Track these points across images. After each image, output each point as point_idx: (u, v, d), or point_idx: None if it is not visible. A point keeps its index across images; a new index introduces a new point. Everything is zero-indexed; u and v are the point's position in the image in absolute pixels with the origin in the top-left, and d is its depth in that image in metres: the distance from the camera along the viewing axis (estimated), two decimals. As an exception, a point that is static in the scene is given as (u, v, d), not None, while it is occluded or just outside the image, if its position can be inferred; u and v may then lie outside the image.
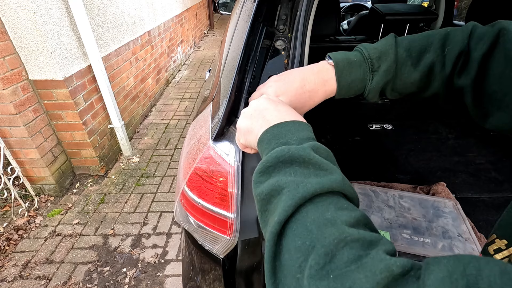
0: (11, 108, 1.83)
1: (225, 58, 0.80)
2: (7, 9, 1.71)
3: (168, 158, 2.75)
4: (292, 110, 0.44)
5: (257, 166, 0.37)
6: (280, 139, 0.38)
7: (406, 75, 0.51)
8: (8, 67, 1.79)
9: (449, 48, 0.48)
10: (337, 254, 0.26)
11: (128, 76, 3.03)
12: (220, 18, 9.66)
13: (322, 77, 0.52)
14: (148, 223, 2.05)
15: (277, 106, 0.44)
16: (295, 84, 0.51)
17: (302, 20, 0.62)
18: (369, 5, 4.04)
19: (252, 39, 0.61)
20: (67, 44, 2.03)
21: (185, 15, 5.61)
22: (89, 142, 2.30)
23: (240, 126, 0.47)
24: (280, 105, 0.44)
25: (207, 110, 0.73)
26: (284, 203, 0.31)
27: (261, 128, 0.42)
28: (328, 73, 0.52)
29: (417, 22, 1.89)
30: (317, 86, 0.52)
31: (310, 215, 0.30)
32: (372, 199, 1.28)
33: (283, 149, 0.35)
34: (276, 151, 0.36)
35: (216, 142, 0.59)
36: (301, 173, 0.33)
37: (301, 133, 0.39)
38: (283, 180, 0.33)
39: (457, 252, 1.04)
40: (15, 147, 2.01)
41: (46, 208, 2.16)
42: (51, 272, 1.71)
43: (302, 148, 0.35)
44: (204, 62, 5.59)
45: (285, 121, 0.40)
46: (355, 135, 2.00)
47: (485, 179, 1.55)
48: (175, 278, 1.69)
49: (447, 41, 0.49)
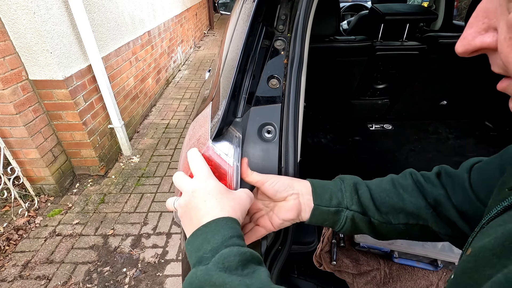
0: (11, 108, 1.83)
1: (224, 58, 0.80)
2: (7, 9, 1.71)
3: (168, 158, 2.75)
4: (218, 196, 0.45)
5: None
6: (198, 252, 0.40)
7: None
8: (8, 67, 1.79)
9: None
10: None
11: (128, 76, 3.03)
12: (220, 18, 9.66)
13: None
14: (148, 223, 2.05)
15: (204, 203, 0.44)
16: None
17: (301, 20, 0.62)
18: (369, 5, 4.04)
19: (251, 39, 0.61)
20: (67, 44, 2.03)
21: (185, 15, 5.61)
22: (89, 142, 2.30)
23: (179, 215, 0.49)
24: (208, 200, 0.45)
25: (206, 110, 0.73)
26: None
27: (187, 232, 0.44)
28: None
29: (417, 22, 1.89)
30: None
31: None
32: (372, 199, 1.28)
33: (192, 276, 0.37)
34: (189, 277, 0.38)
35: (215, 142, 0.59)
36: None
37: (216, 238, 0.40)
38: None
39: (457, 252, 1.04)
40: (15, 147, 2.01)
41: (46, 208, 2.16)
42: (51, 272, 1.71)
43: (206, 271, 0.37)
44: (204, 62, 5.59)
45: (203, 225, 0.42)
46: (355, 135, 2.00)
47: None
48: (175, 278, 1.69)
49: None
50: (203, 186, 0.46)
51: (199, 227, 0.42)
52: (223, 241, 0.40)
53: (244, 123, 0.61)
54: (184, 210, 0.46)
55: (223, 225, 0.41)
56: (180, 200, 0.47)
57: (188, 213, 0.45)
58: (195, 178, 0.49)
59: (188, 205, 0.45)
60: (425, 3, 3.78)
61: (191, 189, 0.46)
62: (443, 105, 2.01)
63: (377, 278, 1.04)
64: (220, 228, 0.41)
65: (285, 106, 0.62)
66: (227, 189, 0.48)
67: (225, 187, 0.48)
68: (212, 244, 0.40)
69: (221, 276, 0.36)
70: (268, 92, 0.64)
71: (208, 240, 0.40)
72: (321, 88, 1.94)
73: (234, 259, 0.38)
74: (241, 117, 0.62)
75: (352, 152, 1.85)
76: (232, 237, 0.40)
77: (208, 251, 0.39)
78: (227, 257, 0.38)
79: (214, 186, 0.46)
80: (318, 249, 1.09)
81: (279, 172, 0.60)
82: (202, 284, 0.36)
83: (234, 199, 0.46)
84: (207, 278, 0.36)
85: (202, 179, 0.48)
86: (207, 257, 0.39)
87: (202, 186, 0.46)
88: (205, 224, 0.42)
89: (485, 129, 1.98)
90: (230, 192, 0.47)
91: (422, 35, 1.82)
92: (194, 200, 0.45)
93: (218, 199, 0.45)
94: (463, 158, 1.86)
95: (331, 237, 1.14)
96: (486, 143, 1.84)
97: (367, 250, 1.10)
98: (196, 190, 0.46)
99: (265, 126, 0.61)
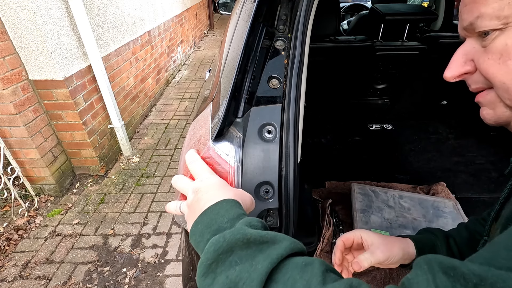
0: (11, 108, 1.83)
1: (225, 58, 0.80)
2: (7, 9, 1.71)
3: (168, 158, 2.75)
4: (221, 188, 0.45)
5: (198, 268, 0.34)
6: (211, 226, 0.38)
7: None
8: (8, 67, 1.79)
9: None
10: None
11: (128, 76, 3.03)
12: (220, 18, 9.66)
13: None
14: (148, 223, 2.05)
15: (207, 194, 0.44)
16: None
17: (302, 20, 0.62)
18: (369, 5, 4.04)
19: (252, 39, 0.61)
20: (67, 44, 2.03)
21: (185, 15, 5.61)
22: (89, 142, 2.30)
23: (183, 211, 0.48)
24: (211, 191, 0.44)
25: (207, 110, 0.73)
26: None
27: (191, 219, 0.43)
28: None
29: (417, 22, 1.89)
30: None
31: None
32: (372, 199, 1.28)
33: (218, 240, 0.34)
34: (212, 243, 0.34)
35: (216, 142, 0.59)
36: (246, 256, 0.32)
37: (230, 212, 0.39)
38: (232, 274, 0.31)
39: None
40: (15, 147, 2.01)
41: (46, 208, 2.16)
42: (51, 272, 1.71)
43: (237, 230, 0.34)
44: (204, 62, 5.59)
45: (212, 204, 0.41)
46: (355, 135, 2.00)
47: (485, 179, 1.55)
48: (175, 278, 1.69)
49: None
50: (205, 183, 0.47)
51: (208, 207, 0.41)
52: (239, 216, 0.39)
53: (245, 123, 0.61)
54: (190, 209, 0.45)
55: (233, 205, 0.41)
56: (187, 202, 0.47)
57: (192, 209, 0.44)
58: (197, 178, 0.49)
59: (192, 202, 0.45)
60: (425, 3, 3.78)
61: (195, 189, 0.46)
62: (443, 105, 2.01)
63: (377, 278, 1.04)
64: (231, 207, 0.40)
65: (286, 106, 0.62)
66: (229, 185, 0.48)
67: (227, 183, 0.48)
68: (228, 217, 0.38)
69: (254, 233, 0.34)
70: (268, 92, 0.64)
71: (221, 215, 0.39)
72: (321, 88, 1.94)
73: (258, 224, 0.37)
74: (241, 117, 0.62)
75: (352, 152, 1.85)
76: (245, 215, 0.40)
77: (225, 223, 0.37)
78: (251, 222, 0.36)
79: (216, 181, 0.47)
80: (318, 249, 1.09)
81: (279, 172, 0.60)
82: (233, 245, 0.33)
83: (237, 191, 0.47)
84: (240, 236, 0.33)
85: (203, 178, 0.48)
86: (225, 227, 0.37)
87: (203, 183, 0.47)
88: (213, 204, 0.41)
89: (485, 129, 1.98)
90: (232, 187, 0.48)
91: (422, 35, 1.82)
92: (198, 195, 0.45)
93: (221, 189, 0.45)
94: (463, 158, 1.87)
95: (331, 237, 1.14)
96: (486, 143, 1.84)
97: (367, 250, 1.10)
98: (199, 187, 0.46)
99: (266, 126, 0.61)
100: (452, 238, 0.61)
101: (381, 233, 1.11)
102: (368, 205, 1.25)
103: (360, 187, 1.35)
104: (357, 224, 1.16)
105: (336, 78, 1.89)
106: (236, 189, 0.47)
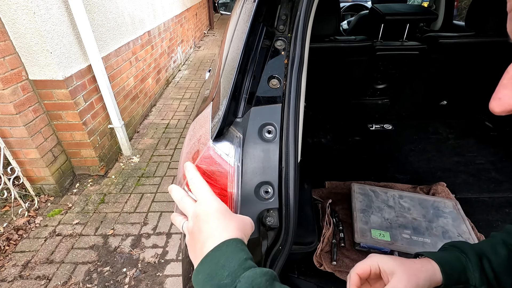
0: (11, 108, 1.83)
1: (225, 58, 0.80)
2: (7, 9, 1.71)
3: (168, 158, 2.75)
4: (221, 218, 0.44)
5: None
6: (212, 279, 0.37)
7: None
8: (8, 67, 1.79)
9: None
10: None
11: (128, 76, 3.03)
12: (220, 18, 9.66)
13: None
14: (148, 223, 2.05)
15: (207, 225, 0.43)
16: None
17: (302, 20, 0.62)
18: (369, 5, 4.04)
19: (252, 39, 0.61)
20: (67, 44, 2.03)
21: (185, 15, 5.61)
22: (89, 142, 2.30)
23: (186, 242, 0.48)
24: (211, 221, 0.44)
25: (207, 110, 0.73)
26: None
27: (193, 258, 0.42)
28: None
29: (417, 22, 1.89)
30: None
31: None
32: (372, 199, 1.28)
33: None
34: None
35: (216, 142, 0.59)
36: None
37: (232, 262, 0.38)
38: None
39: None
40: (15, 147, 2.01)
41: (46, 208, 2.16)
42: (51, 272, 1.71)
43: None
44: (204, 62, 5.59)
45: (212, 250, 0.40)
46: (355, 135, 2.00)
47: (485, 179, 1.55)
48: (175, 278, 1.69)
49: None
50: (205, 209, 0.46)
51: (208, 253, 0.40)
52: (240, 264, 0.38)
53: (245, 123, 0.61)
54: (190, 236, 0.46)
55: (234, 248, 0.40)
56: (188, 224, 0.47)
57: (193, 238, 0.45)
58: (198, 201, 0.48)
59: (193, 230, 0.45)
60: (425, 3, 3.78)
61: (195, 214, 0.46)
62: (443, 105, 2.02)
63: (377, 278, 1.04)
64: (232, 251, 0.39)
65: (286, 106, 0.62)
66: (230, 211, 0.47)
67: (228, 208, 0.47)
68: (229, 268, 0.37)
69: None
70: (268, 92, 0.64)
71: (222, 265, 0.38)
72: (321, 88, 1.94)
73: (261, 280, 0.36)
74: (241, 117, 0.62)
75: (352, 152, 1.85)
76: (247, 259, 0.39)
77: (226, 277, 0.37)
78: (255, 279, 0.36)
79: (216, 208, 0.46)
80: (318, 249, 1.09)
81: (279, 172, 0.60)
82: None
83: (237, 220, 0.46)
84: None
85: (204, 202, 0.47)
86: (226, 283, 0.36)
87: (204, 209, 0.46)
88: (213, 248, 0.40)
89: (485, 129, 1.98)
90: (232, 213, 0.47)
91: (422, 35, 1.82)
92: (198, 223, 0.45)
93: (221, 220, 0.44)
94: (463, 158, 1.86)
95: (331, 237, 1.14)
96: (486, 143, 1.84)
97: (368, 250, 1.10)
98: (200, 214, 0.46)
99: (266, 126, 0.61)
100: (486, 258, 0.50)
101: (381, 233, 1.11)
102: (368, 205, 1.25)
103: (360, 187, 1.35)
104: (357, 224, 1.16)
105: (336, 78, 1.89)
106: (236, 217, 0.46)
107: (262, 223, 0.62)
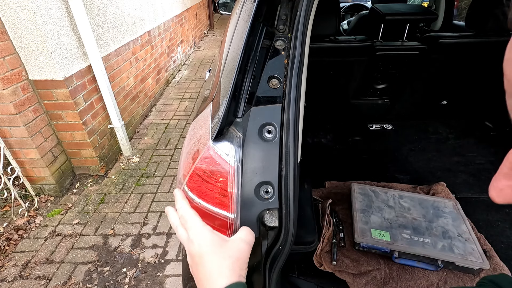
0: (11, 108, 1.83)
1: (225, 58, 0.80)
2: (7, 9, 1.71)
3: (168, 158, 2.75)
4: (215, 253, 0.45)
5: None
6: None
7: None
8: (8, 67, 1.79)
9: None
10: None
11: (128, 76, 3.03)
12: (220, 18, 9.66)
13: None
14: (148, 223, 2.05)
15: (203, 268, 0.44)
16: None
17: (302, 20, 0.62)
18: (369, 5, 4.04)
19: (252, 39, 0.61)
20: (67, 44, 2.03)
21: (185, 15, 5.61)
22: (89, 142, 2.30)
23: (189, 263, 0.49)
24: (205, 264, 0.44)
25: (207, 110, 0.73)
26: None
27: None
28: None
29: (417, 22, 1.88)
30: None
31: None
32: (372, 199, 1.28)
33: None
34: None
35: (216, 142, 0.59)
36: None
37: None
38: None
39: (457, 252, 1.04)
40: (15, 147, 2.01)
41: (46, 208, 2.16)
42: (51, 272, 1.71)
43: None
44: (204, 62, 5.59)
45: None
46: (355, 135, 2.00)
47: (485, 179, 1.55)
48: (175, 278, 1.69)
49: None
50: (197, 250, 0.46)
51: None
52: None
53: (245, 123, 0.61)
54: (190, 265, 0.48)
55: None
56: (187, 256, 0.49)
57: (192, 269, 0.47)
58: (189, 237, 0.48)
59: (191, 263, 0.47)
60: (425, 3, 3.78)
61: (189, 252, 0.47)
62: (443, 105, 2.02)
63: (378, 278, 1.04)
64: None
65: (286, 106, 0.62)
66: (222, 243, 0.47)
67: (220, 239, 0.47)
68: None
69: None
70: (268, 92, 0.64)
71: None
72: (321, 88, 1.94)
73: None
74: (241, 117, 0.62)
75: (352, 152, 1.85)
76: None
77: None
78: None
79: (206, 249, 0.46)
80: (318, 249, 1.09)
81: (279, 172, 0.60)
82: None
83: (231, 256, 0.45)
84: None
85: (195, 240, 0.47)
86: None
87: (196, 250, 0.46)
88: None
89: (485, 129, 1.98)
90: (226, 247, 0.47)
91: (422, 35, 1.82)
92: (194, 261, 0.46)
93: (214, 263, 0.44)
94: (463, 158, 1.86)
95: (331, 237, 1.14)
96: (486, 143, 1.84)
97: (368, 250, 1.10)
98: (194, 255, 0.46)
99: (266, 126, 0.61)
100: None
101: (381, 233, 1.11)
102: (368, 205, 1.25)
103: (360, 187, 1.35)
104: (357, 224, 1.16)
105: (336, 78, 1.89)
106: (230, 249, 0.46)
107: (262, 223, 0.62)
